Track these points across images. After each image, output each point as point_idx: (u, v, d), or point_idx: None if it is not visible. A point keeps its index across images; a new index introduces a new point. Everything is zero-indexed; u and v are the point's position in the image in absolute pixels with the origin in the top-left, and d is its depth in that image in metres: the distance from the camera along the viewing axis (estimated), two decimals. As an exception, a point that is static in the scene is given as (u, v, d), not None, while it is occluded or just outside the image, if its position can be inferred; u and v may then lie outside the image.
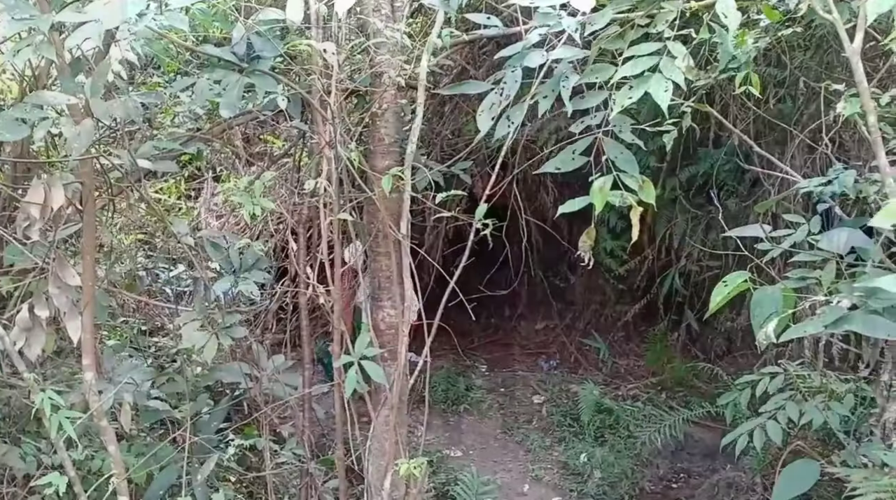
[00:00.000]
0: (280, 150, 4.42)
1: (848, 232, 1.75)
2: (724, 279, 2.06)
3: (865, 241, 1.74)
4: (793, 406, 2.38)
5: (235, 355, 2.93)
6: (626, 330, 6.83)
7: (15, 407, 2.61)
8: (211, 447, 2.79)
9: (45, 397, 2.10)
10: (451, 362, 6.90)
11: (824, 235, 1.92)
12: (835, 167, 2.11)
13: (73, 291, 2.30)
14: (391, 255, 2.27)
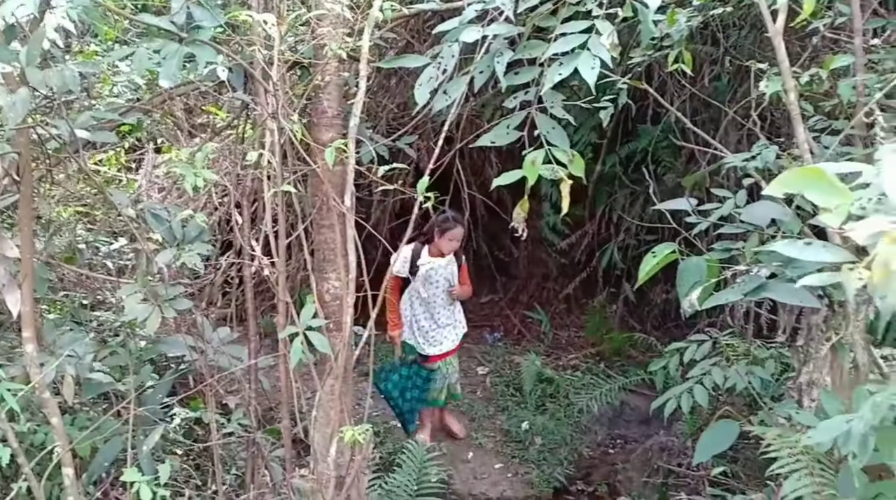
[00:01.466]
0: (223, 122, 4.35)
1: (768, 205, 1.84)
2: (653, 250, 2.14)
3: (784, 213, 1.84)
4: (718, 372, 2.50)
5: (180, 329, 2.91)
6: (568, 303, 6.99)
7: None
8: (156, 419, 2.78)
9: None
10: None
11: (746, 208, 2.02)
12: (759, 143, 2.21)
13: (11, 263, 2.25)
14: (335, 227, 2.29)
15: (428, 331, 5.03)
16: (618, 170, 5.97)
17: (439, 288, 4.92)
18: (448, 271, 4.92)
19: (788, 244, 1.07)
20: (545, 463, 5.09)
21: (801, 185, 0.82)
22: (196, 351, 2.71)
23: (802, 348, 2.01)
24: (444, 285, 4.93)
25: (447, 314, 5.04)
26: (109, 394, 3.34)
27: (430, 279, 4.88)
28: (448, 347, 5.06)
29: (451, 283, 4.96)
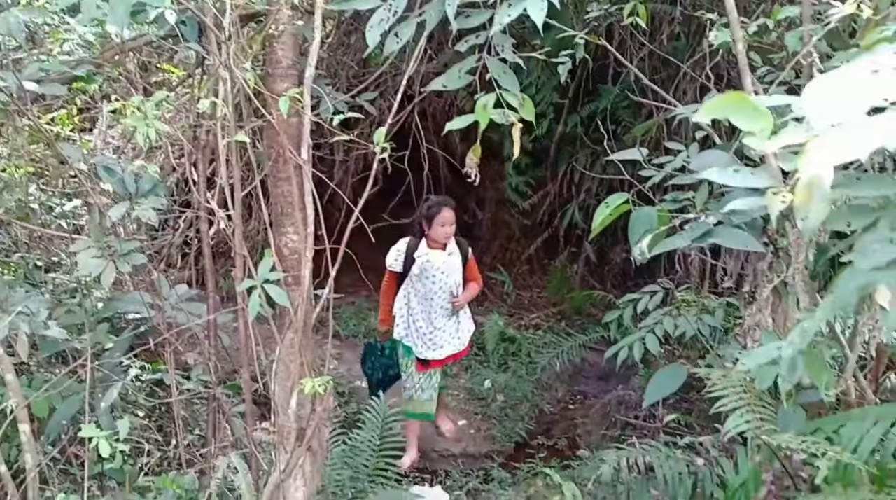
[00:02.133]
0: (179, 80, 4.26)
1: (717, 154, 1.89)
2: (606, 201, 2.18)
3: (732, 161, 1.89)
4: (669, 320, 2.57)
5: (138, 288, 2.89)
6: (531, 263, 7.07)
7: None
8: (114, 376, 2.77)
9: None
10: (363, 298, 6.96)
11: (695, 157, 2.06)
12: (709, 95, 2.25)
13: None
14: (292, 180, 2.28)
15: (426, 333, 4.46)
16: (579, 130, 6.01)
17: (436, 284, 4.35)
18: (449, 265, 4.34)
19: (719, 172, 1.11)
20: (507, 419, 5.20)
21: (726, 110, 0.85)
22: (154, 308, 2.70)
23: (748, 293, 2.07)
24: (442, 280, 4.35)
25: (447, 314, 4.46)
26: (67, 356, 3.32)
27: (425, 273, 4.32)
28: (450, 351, 4.51)
29: (453, 279, 4.37)
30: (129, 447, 2.43)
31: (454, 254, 4.38)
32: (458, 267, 4.41)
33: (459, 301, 4.42)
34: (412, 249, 4.35)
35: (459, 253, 4.42)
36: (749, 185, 1.05)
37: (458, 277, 4.42)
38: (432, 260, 4.30)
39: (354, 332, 6.38)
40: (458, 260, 4.41)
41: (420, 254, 4.31)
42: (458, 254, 4.41)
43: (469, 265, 4.50)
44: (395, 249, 4.42)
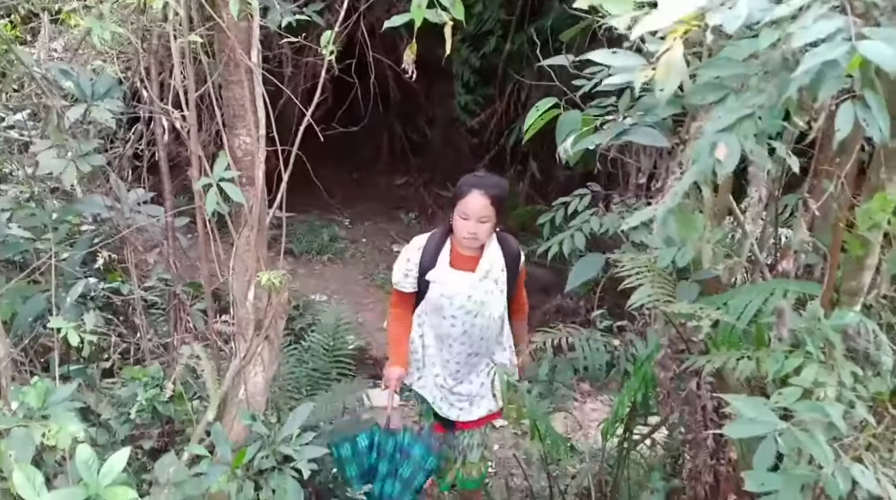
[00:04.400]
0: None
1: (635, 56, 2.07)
2: (537, 105, 2.37)
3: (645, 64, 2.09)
4: (595, 219, 2.82)
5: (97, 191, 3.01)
6: (479, 181, 7.29)
7: None
8: (77, 275, 2.93)
9: None
10: (316, 216, 7.13)
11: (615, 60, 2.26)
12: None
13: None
14: (243, 83, 2.42)
15: (446, 385, 3.11)
16: (525, 49, 6.14)
17: (457, 327, 2.97)
18: (480, 297, 2.93)
19: (601, 53, 1.32)
20: (452, 327, 5.50)
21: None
22: (112, 209, 2.84)
23: (657, 189, 2.33)
24: (468, 323, 2.95)
25: (476, 361, 3.08)
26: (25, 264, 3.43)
27: (441, 311, 2.97)
28: (487, 409, 3.13)
29: (489, 316, 2.96)
30: (95, 338, 2.61)
31: (493, 272, 2.94)
32: (498, 297, 2.97)
33: (521, 363, 3.15)
34: (429, 259, 2.95)
35: (504, 268, 2.97)
36: (623, 64, 1.26)
37: (498, 310, 2.99)
38: (450, 290, 2.91)
39: (307, 248, 6.57)
40: (498, 283, 2.96)
41: (436, 276, 2.94)
42: (502, 270, 2.97)
43: (517, 290, 3.10)
44: (405, 255, 3.07)
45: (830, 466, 1.21)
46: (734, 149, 1.09)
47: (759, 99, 1.06)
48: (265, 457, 2.31)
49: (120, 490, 1.77)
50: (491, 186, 2.86)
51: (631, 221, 1.51)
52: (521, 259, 3.07)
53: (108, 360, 2.96)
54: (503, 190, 2.90)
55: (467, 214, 2.83)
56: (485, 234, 2.89)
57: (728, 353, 1.87)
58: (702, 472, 2.01)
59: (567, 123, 2.30)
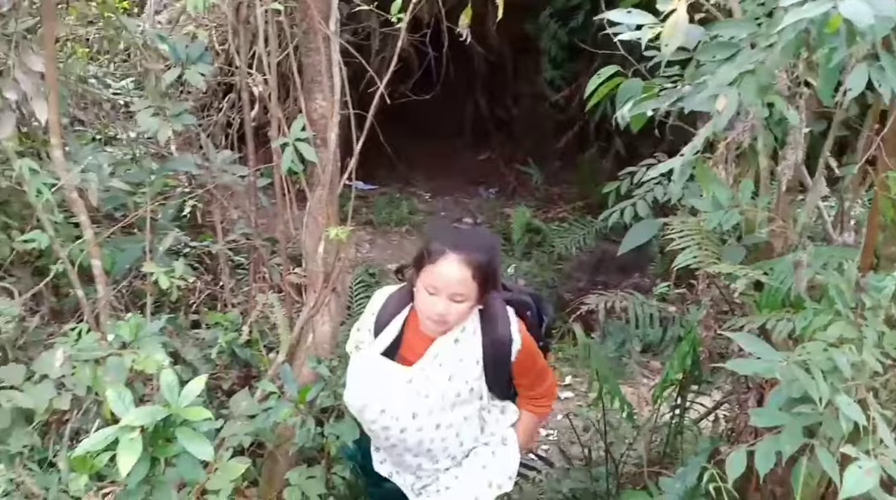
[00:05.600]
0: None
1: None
2: (599, 72, 2.50)
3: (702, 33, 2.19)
4: (660, 188, 2.92)
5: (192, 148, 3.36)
6: (562, 159, 7.39)
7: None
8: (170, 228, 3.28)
9: (24, 163, 2.52)
10: (396, 190, 7.42)
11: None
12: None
13: (37, 76, 2.65)
14: (321, 50, 2.66)
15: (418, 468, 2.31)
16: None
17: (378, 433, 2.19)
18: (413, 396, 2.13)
19: (617, 12, 1.45)
20: (527, 302, 5.67)
21: None
22: (202, 169, 3.16)
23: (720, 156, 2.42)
24: (391, 434, 2.16)
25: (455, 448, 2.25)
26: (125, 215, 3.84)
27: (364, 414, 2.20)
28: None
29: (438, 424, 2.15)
30: (184, 283, 2.94)
31: (452, 363, 2.13)
32: (464, 400, 2.16)
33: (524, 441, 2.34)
34: (381, 326, 2.21)
35: (480, 361, 2.14)
36: (635, 22, 1.39)
37: (462, 416, 2.17)
38: (362, 393, 2.14)
39: (387, 219, 6.87)
40: (467, 382, 2.14)
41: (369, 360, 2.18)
42: (477, 362, 2.14)
43: (520, 363, 2.17)
44: (359, 322, 2.38)
45: (825, 402, 1.32)
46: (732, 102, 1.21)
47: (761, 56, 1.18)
48: (327, 396, 2.57)
49: (196, 410, 2.04)
50: (475, 249, 1.99)
51: (651, 173, 1.64)
52: (512, 350, 2.11)
53: (194, 305, 3.31)
54: (492, 256, 2.02)
55: (436, 287, 1.98)
56: (457, 317, 2.04)
57: (769, 314, 1.97)
58: (742, 433, 2.11)
59: (627, 90, 2.42)
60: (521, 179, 7.38)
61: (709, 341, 2.15)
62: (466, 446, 2.25)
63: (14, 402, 2.42)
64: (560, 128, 7.27)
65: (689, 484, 2.16)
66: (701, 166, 1.57)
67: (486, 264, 2.02)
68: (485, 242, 2.11)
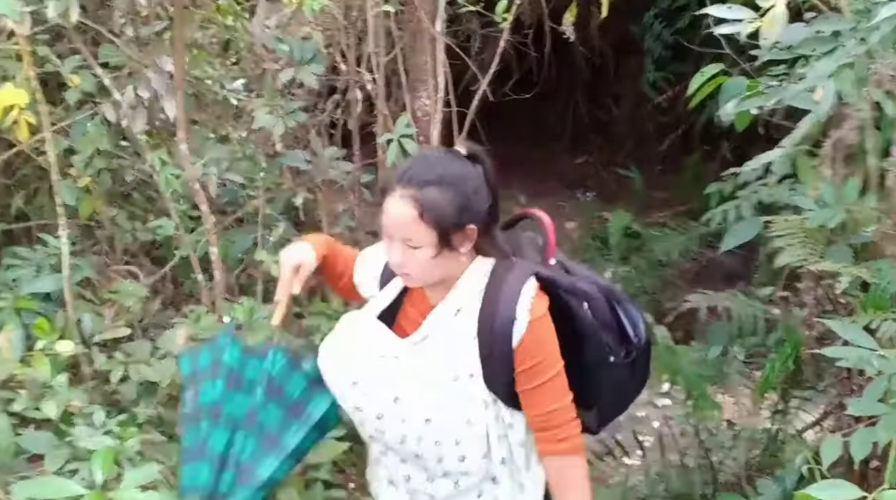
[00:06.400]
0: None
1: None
2: (702, 70, 2.56)
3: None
4: (765, 190, 2.94)
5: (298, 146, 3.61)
6: (665, 162, 7.33)
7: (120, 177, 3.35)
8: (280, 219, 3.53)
9: (156, 155, 2.80)
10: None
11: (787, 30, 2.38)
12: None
13: (167, 76, 2.94)
14: (427, 50, 2.83)
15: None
16: (722, 22, 6.10)
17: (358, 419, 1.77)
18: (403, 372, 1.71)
19: (717, 7, 1.51)
20: (623, 307, 5.67)
21: None
22: (310, 163, 3.39)
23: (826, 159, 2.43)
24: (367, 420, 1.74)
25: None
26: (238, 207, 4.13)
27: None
28: None
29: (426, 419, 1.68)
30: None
31: (462, 336, 1.71)
32: (460, 392, 1.71)
33: None
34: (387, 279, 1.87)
35: (476, 337, 1.69)
36: (735, 17, 1.45)
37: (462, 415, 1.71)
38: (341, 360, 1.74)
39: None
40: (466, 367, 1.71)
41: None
42: (473, 338, 1.70)
43: (522, 351, 1.67)
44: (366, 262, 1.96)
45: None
46: (829, 93, 1.26)
47: (859, 49, 1.23)
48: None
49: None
50: (428, 181, 1.59)
51: (751, 164, 1.69)
52: (513, 331, 1.65)
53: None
54: (457, 193, 1.60)
55: (387, 230, 1.66)
56: (419, 269, 1.66)
57: (874, 314, 1.98)
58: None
59: (731, 88, 2.47)
60: (621, 182, 7.36)
61: (811, 341, 2.16)
62: (470, 466, 1.71)
63: (141, 375, 2.69)
64: (663, 131, 7.21)
65: (788, 486, 2.18)
66: (803, 163, 1.62)
67: (439, 201, 1.57)
68: (448, 173, 1.61)
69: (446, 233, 1.61)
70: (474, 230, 1.66)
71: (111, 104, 2.93)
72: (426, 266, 1.65)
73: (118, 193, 3.34)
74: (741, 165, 6.64)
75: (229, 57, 5.12)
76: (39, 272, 2.80)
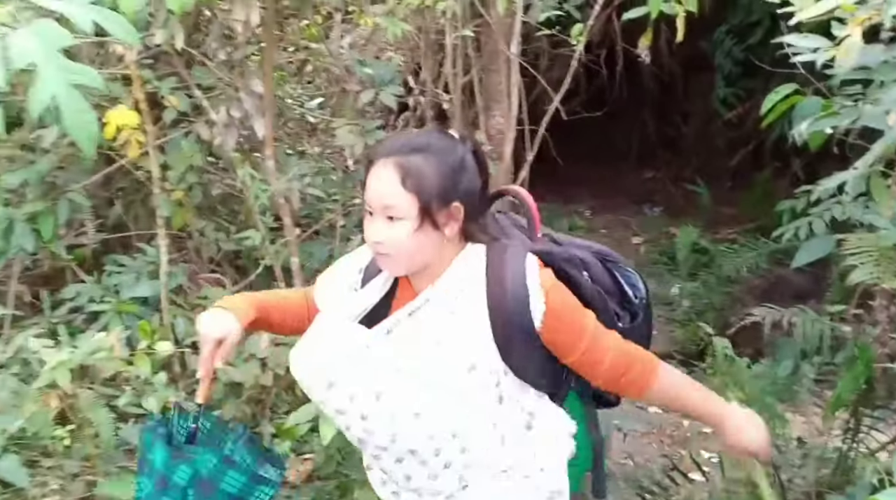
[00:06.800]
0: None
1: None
2: (777, 89, 2.61)
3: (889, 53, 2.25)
4: (838, 207, 2.96)
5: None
6: (734, 179, 7.28)
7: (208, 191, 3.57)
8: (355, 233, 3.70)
9: (246, 170, 3.00)
10: (557, 205, 7.61)
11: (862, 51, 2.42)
12: None
13: (257, 97, 3.14)
14: (502, 71, 2.96)
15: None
16: (795, 38, 6.06)
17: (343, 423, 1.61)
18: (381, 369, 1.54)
19: (794, 36, 1.58)
20: (691, 324, 5.66)
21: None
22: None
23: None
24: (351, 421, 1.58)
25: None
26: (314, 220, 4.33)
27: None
28: None
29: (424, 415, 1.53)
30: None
31: (465, 330, 1.55)
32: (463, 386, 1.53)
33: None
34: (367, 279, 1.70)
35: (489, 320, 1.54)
36: (811, 45, 1.52)
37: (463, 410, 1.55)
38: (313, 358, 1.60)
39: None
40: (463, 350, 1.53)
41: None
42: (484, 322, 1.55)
43: (551, 330, 1.56)
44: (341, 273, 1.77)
45: None
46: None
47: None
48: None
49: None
50: (413, 149, 1.52)
51: (825, 183, 1.75)
52: (532, 312, 1.54)
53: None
54: (443, 161, 1.52)
55: (370, 203, 1.55)
56: (397, 246, 1.53)
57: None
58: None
59: (805, 108, 2.51)
60: (689, 197, 7.33)
61: (883, 358, 2.18)
62: (475, 457, 1.58)
63: (228, 376, 2.88)
64: (732, 146, 7.17)
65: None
66: (877, 182, 1.67)
67: (423, 167, 1.50)
68: (434, 144, 1.54)
69: (429, 204, 1.50)
70: (460, 209, 1.53)
71: (205, 123, 3.16)
72: (407, 243, 1.51)
73: (205, 205, 3.56)
74: (812, 182, 6.56)
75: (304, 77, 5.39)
76: (139, 279, 3.02)
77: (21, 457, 2.39)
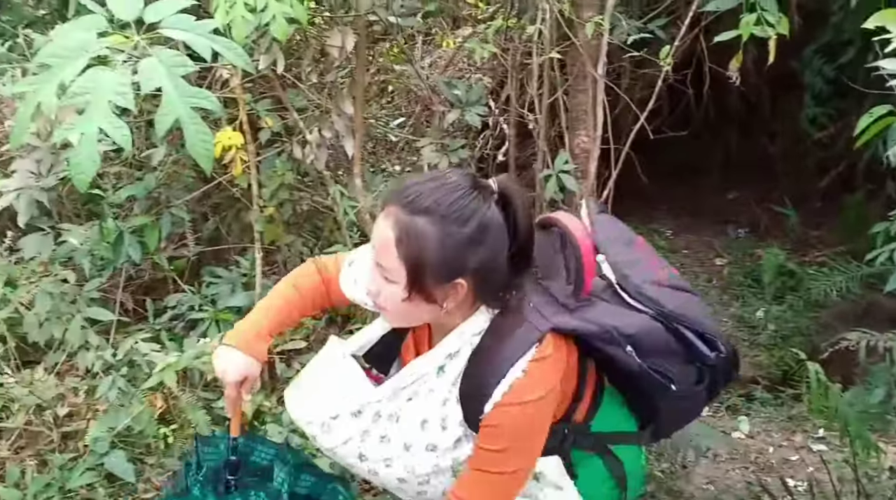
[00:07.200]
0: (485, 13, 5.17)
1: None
2: (871, 111, 2.58)
3: None
4: (936, 230, 2.88)
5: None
6: (823, 200, 7.08)
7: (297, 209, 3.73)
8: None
9: (337, 188, 3.14)
10: (637, 224, 7.54)
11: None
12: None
13: (347, 118, 3.29)
14: (587, 91, 3.01)
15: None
16: (890, 56, 5.88)
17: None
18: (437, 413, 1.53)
19: (891, 61, 1.58)
20: (776, 348, 5.52)
21: (886, 19, 1.34)
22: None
23: None
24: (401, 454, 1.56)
25: None
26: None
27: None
28: None
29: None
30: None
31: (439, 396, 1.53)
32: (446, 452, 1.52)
33: None
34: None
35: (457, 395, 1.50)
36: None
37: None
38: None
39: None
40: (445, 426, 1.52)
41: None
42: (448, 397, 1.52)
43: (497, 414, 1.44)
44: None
45: None
46: None
47: None
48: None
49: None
50: (422, 210, 1.36)
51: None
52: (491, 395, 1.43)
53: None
54: (449, 238, 1.35)
55: (372, 249, 1.46)
56: (391, 304, 1.46)
57: None
58: None
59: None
60: (775, 219, 7.14)
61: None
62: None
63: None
64: (822, 167, 6.97)
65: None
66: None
67: (424, 236, 1.33)
68: (448, 208, 1.33)
69: (420, 279, 1.37)
70: (464, 286, 1.38)
71: (297, 142, 3.32)
72: (400, 306, 1.43)
73: (293, 221, 3.72)
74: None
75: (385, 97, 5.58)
76: (234, 290, 3.19)
77: (126, 454, 2.57)
